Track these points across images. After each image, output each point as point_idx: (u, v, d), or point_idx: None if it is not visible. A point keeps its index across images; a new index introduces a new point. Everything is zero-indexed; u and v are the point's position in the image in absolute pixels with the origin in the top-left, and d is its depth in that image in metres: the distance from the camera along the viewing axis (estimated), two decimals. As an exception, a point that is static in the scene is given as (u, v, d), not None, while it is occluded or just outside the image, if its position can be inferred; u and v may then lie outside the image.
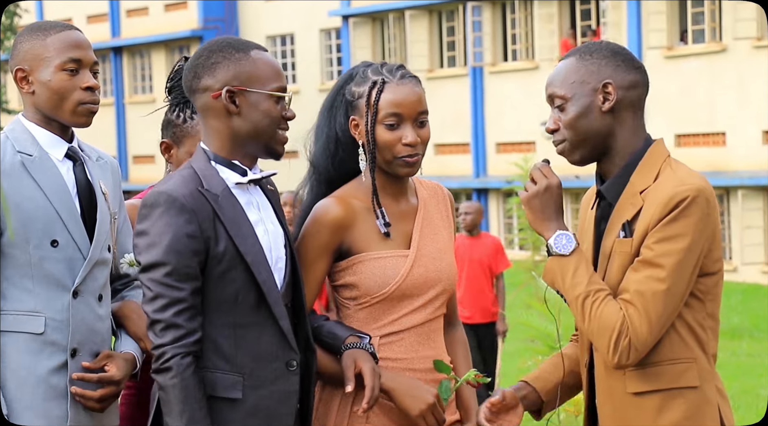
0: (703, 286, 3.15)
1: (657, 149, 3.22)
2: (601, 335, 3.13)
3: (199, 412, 3.18)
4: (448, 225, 3.64)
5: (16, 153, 3.56)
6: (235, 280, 3.26)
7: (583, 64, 3.22)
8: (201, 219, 3.23)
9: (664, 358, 3.15)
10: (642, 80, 3.25)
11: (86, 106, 3.59)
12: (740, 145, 24.83)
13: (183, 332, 3.20)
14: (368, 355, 3.43)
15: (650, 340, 3.10)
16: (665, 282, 3.08)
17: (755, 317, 18.94)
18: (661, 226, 3.08)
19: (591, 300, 3.15)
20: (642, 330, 3.09)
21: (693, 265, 3.10)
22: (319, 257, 3.48)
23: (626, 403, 3.18)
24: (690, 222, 3.07)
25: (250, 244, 3.28)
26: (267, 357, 3.29)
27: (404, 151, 3.48)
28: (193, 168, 3.33)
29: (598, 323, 3.13)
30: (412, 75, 3.55)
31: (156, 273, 3.21)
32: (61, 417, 3.53)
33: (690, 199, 3.07)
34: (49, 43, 3.59)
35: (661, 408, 3.15)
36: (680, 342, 3.15)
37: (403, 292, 3.47)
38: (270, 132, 3.33)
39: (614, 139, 3.21)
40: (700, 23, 26.19)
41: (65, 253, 3.53)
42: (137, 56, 39.73)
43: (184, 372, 3.18)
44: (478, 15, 30.11)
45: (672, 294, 3.08)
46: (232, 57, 3.32)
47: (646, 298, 3.09)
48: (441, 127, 29.72)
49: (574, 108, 3.21)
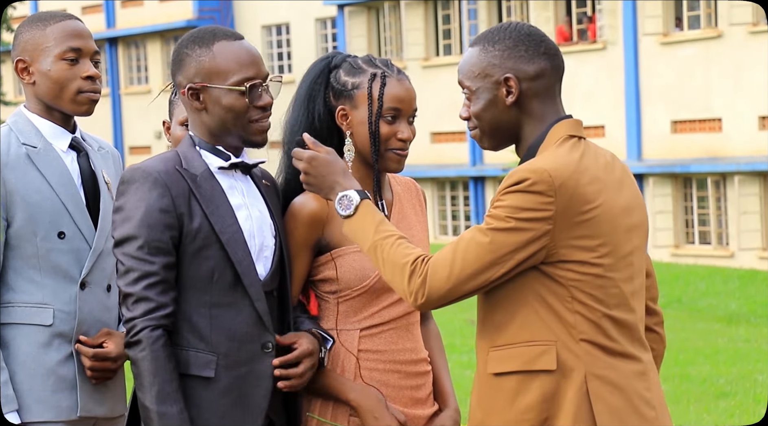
0: (563, 272, 3.03)
1: (555, 131, 3.14)
2: (394, 275, 3.07)
3: (169, 385, 3.18)
4: (421, 220, 3.67)
5: (21, 145, 3.57)
6: (210, 257, 3.26)
7: (486, 55, 3.16)
8: (175, 194, 3.25)
9: (522, 339, 3.06)
10: (549, 66, 3.15)
11: (86, 94, 3.59)
12: (736, 131, 24.84)
13: (153, 305, 3.20)
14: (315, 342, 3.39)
15: (448, 285, 3.01)
16: (487, 236, 2.99)
17: (752, 303, 18.99)
18: (500, 195, 3.03)
19: (381, 246, 3.10)
20: (442, 270, 3.01)
21: (526, 239, 2.98)
22: (298, 253, 3.48)
23: (488, 385, 3.11)
24: (527, 198, 2.99)
25: (227, 224, 3.28)
26: (242, 337, 3.29)
27: (397, 144, 3.50)
28: (176, 151, 3.36)
29: (390, 265, 3.08)
30: (405, 75, 3.59)
31: (128, 247, 3.23)
32: (71, 407, 3.55)
33: (528, 181, 2.99)
34: (48, 33, 3.59)
35: (517, 390, 3.05)
36: (539, 323, 3.04)
37: (383, 284, 3.47)
38: (240, 124, 3.33)
39: (521, 128, 3.17)
40: (695, 9, 26.19)
41: (72, 245, 3.55)
42: (132, 47, 39.70)
43: (154, 344, 3.19)
44: (474, 3, 30.10)
45: (491, 250, 2.99)
46: (194, 53, 3.32)
47: (461, 244, 3.03)
48: (437, 115, 29.72)
49: (479, 101, 3.17)
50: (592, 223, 3.04)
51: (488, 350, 3.11)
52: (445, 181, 29.91)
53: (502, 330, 3.09)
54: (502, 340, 3.09)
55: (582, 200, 3.03)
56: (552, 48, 3.18)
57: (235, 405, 3.29)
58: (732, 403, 10.40)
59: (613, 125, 27.11)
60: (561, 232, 3.02)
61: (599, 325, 3.06)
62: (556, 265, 3.03)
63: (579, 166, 3.06)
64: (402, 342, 3.53)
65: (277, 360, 3.33)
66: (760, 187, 24.59)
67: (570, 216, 3.02)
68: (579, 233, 3.03)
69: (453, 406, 3.61)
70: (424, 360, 3.59)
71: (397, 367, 3.51)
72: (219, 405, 3.27)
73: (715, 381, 11.52)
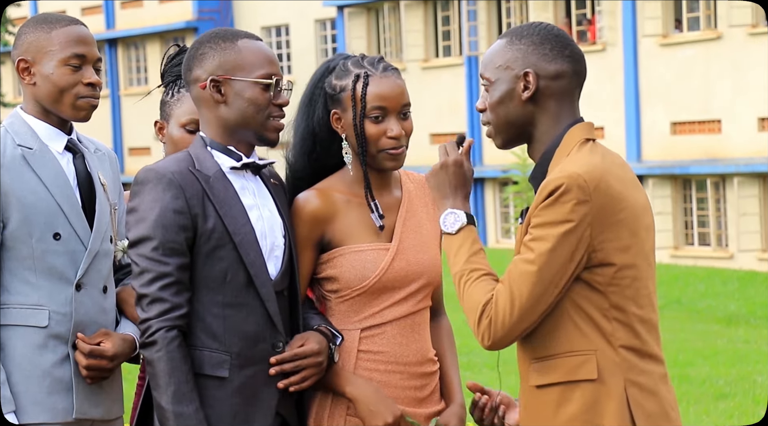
0: (601, 277, 3.05)
1: (572, 135, 3.15)
2: (469, 314, 3.10)
3: (185, 385, 3.21)
4: (434, 218, 3.64)
5: (17, 146, 3.56)
6: (224, 258, 3.28)
7: (511, 48, 3.17)
8: (189, 196, 3.27)
9: (562, 350, 3.08)
10: (570, 70, 3.17)
11: (86, 99, 3.59)
12: (736, 133, 24.84)
13: (168, 306, 3.23)
14: (324, 341, 3.40)
15: (512, 321, 3.04)
16: (534, 263, 3.01)
17: (751, 304, 19.00)
18: (537, 211, 3.04)
19: (465, 279, 3.12)
20: (504, 309, 3.03)
21: (570, 251, 3.01)
22: (303, 249, 3.49)
23: (531, 397, 3.13)
24: (563, 209, 3.00)
25: (240, 224, 3.30)
26: (254, 337, 3.31)
27: (389, 143, 3.49)
28: (188, 151, 3.38)
29: (468, 302, 3.10)
30: (393, 67, 3.56)
31: (143, 248, 3.25)
32: (67, 409, 3.54)
33: (563, 187, 3.00)
34: (53, 37, 3.58)
35: (559, 401, 3.07)
36: (578, 333, 3.07)
37: (384, 284, 3.47)
38: (259, 119, 3.36)
39: (535, 127, 3.17)
40: (695, 11, 26.20)
41: (68, 246, 3.54)
42: (132, 48, 39.70)
43: (169, 345, 3.21)
44: (473, 4, 30.10)
45: (541, 277, 3.01)
46: (218, 47, 3.36)
47: (513, 278, 3.04)
48: (437, 116, 29.73)
49: (496, 92, 3.17)
50: (625, 224, 3.07)
51: (530, 363, 3.13)
52: (444, 183, 29.94)
53: (543, 342, 3.10)
54: (543, 352, 3.11)
55: (615, 201, 3.06)
56: (577, 53, 3.19)
57: (246, 404, 3.31)
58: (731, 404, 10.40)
59: (613, 126, 27.11)
60: (598, 236, 3.04)
61: (633, 329, 3.09)
62: (593, 270, 3.06)
63: (605, 167, 3.09)
64: (407, 342, 3.53)
65: (274, 358, 3.34)
66: (760, 188, 24.59)
67: (605, 217, 3.04)
68: (614, 234, 3.05)
69: (459, 401, 3.60)
70: (430, 360, 3.58)
71: (400, 368, 3.51)
72: (231, 404, 3.30)
73: (715, 382, 11.52)
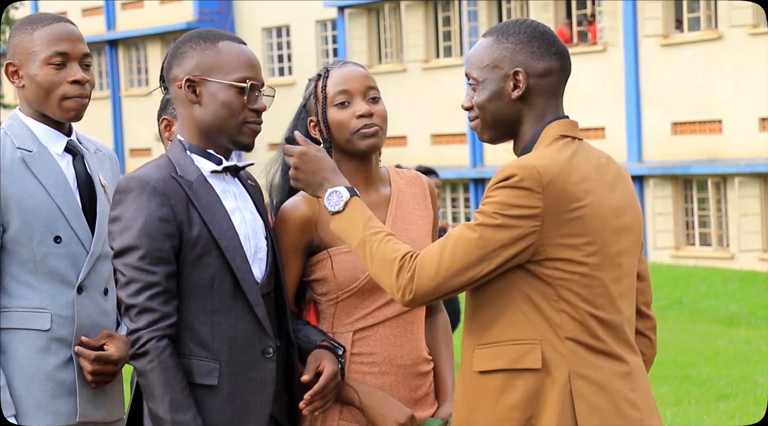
0: (549, 271, 3.03)
1: (548, 131, 3.15)
2: (382, 271, 3.07)
3: (181, 393, 3.18)
4: (426, 215, 3.62)
5: (16, 149, 3.55)
6: (210, 265, 3.25)
7: (498, 47, 3.17)
8: (174, 203, 3.23)
9: (508, 337, 3.06)
10: (558, 67, 3.18)
11: (73, 100, 3.56)
12: (737, 133, 24.84)
13: (158, 316, 3.19)
14: (335, 359, 3.41)
15: (437, 279, 3.01)
16: (476, 232, 3.00)
17: (752, 304, 18.99)
18: (490, 191, 3.04)
19: (369, 243, 3.10)
20: (431, 265, 3.01)
21: (514, 236, 2.99)
22: (291, 257, 3.48)
23: (472, 383, 3.11)
24: (517, 195, 2.99)
25: (224, 229, 3.27)
26: (243, 344, 3.28)
27: (359, 123, 3.47)
28: (168, 156, 3.34)
29: (379, 262, 3.08)
30: (358, 64, 3.57)
31: (129, 257, 3.21)
32: (70, 413, 3.54)
33: (516, 177, 3.00)
34: (36, 37, 3.56)
35: (502, 388, 3.06)
36: (525, 322, 3.05)
37: (375, 284, 3.44)
38: (232, 123, 3.31)
39: (521, 124, 3.18)
40: (695, 11, 26.19)
41: (68, 249, 3.54)
42: (133, 49, 39.69)
43: (161, 354, 3.18)
44: (474, 5, 30.09)
45: (478, 246, 2.99)
46: (198, 47, 3.32)
47: (450, 239, 3.03)
48: (437, 117, 29.72)
49: (485, 92, 3.17)
50: (580, 222, 3.05)
51: (474, 348, 3.12)
52: (445, 183, 29.87)
53: (488, 328, 3.09)
54: (488, 339, 3.09)
55: (570, 198, 3.04)
56: (563, 50, 3.20)
57: (238, 412, 3.28)
58: (732, 404, 10.39)
59: (614, 127, 27.10)
60: (548, 230, 3.02)
61: (585, 324, 3.07)
62: (542, 263, 3.04)
63: (568, 164, 3.07)
64: (400, 342, 3.51)
65: (308, 394, 3.34)
66: (761, 188, 24.58)
67: (557, 213, 3.03)
68: (566, 231, 3.04)
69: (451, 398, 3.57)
70: (424, 360, 3.57)
71: (393, 370, 3.50)
72: (223, 412, 3.27)
73: (716, 383, 11.51)
